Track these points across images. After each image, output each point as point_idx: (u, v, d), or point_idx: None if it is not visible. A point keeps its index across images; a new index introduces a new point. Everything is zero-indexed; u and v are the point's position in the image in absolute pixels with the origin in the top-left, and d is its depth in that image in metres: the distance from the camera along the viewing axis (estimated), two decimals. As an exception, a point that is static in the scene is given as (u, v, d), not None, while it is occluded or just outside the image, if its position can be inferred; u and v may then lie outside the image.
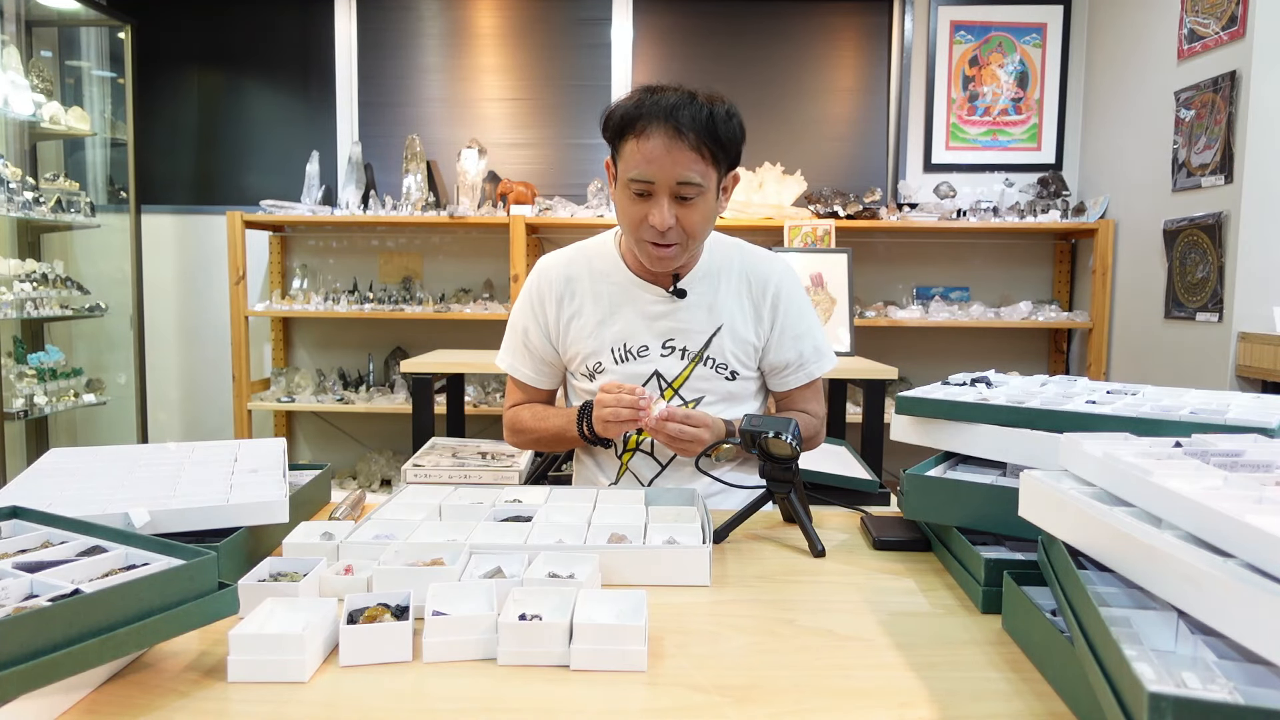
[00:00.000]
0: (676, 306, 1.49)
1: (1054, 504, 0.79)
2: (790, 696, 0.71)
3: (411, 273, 4.03)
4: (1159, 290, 3.20)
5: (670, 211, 1.33)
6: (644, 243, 1.38)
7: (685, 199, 1.33)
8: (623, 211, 1.38)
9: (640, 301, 1.50)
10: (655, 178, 1.31)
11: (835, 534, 1.18)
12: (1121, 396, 1.07)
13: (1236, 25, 2.76)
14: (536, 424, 1.55)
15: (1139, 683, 0.52)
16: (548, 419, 1.53)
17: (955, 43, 3.87)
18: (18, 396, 3.38)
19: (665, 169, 1.30)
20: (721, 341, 1.49)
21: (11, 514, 0.94)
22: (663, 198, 1.33)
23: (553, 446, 1.60)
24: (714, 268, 1.50)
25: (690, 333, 1.49)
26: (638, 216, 1.35)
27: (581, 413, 1.45)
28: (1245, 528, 0.57)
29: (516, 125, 3.99)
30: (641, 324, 1.49)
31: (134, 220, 3.85)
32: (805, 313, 1.55)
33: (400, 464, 3.30)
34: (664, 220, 1.32)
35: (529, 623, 0.77)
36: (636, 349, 1.50)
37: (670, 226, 1.33)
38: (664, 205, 1.32)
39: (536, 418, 1.56)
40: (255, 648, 0.73)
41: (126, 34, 3.79)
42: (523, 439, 1.60)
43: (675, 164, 1.30)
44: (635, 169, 1.32)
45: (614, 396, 1.32)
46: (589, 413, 1.41)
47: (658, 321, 1.49)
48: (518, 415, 1.60)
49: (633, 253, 1.49)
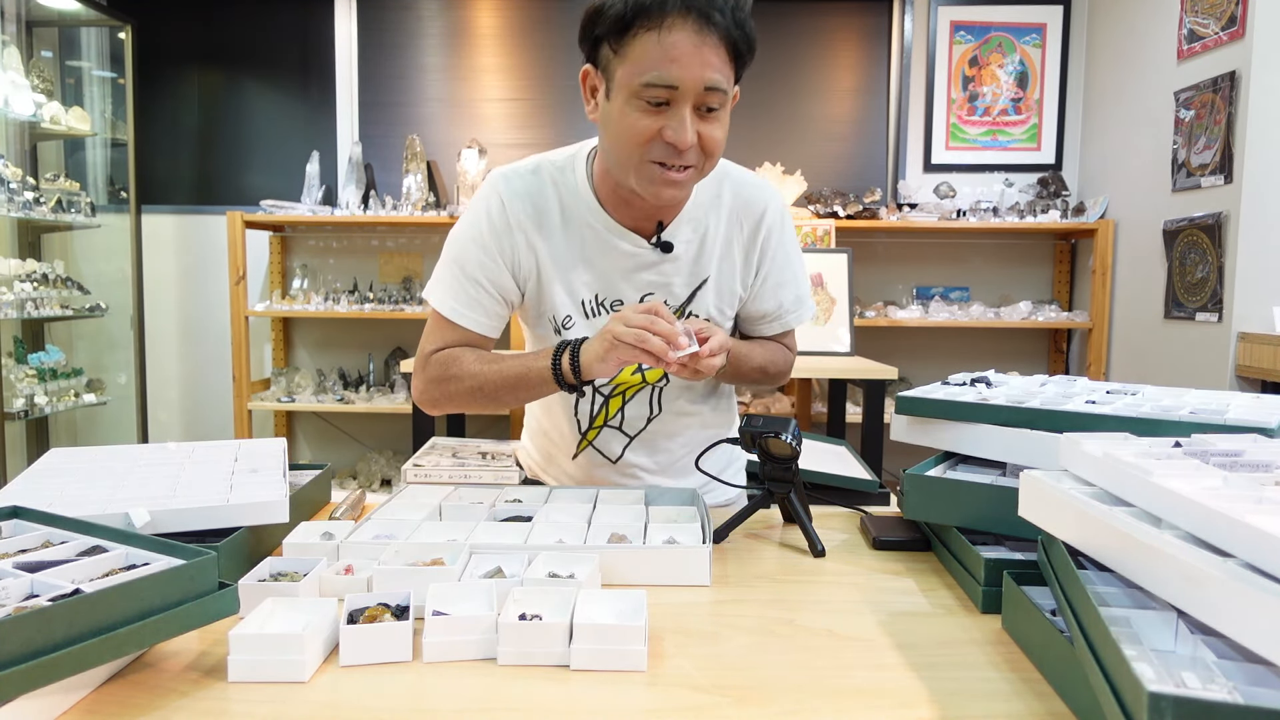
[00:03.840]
0: (660, 259, 1.28)
1: (1054, 504, 0.79)
2: (790, 696, 0.71)
3: (411, 273, 4.03)
4: (1159, 290, 3.20)
5: (693, 125, 1.09)
6: (650, 166, 1.13)
7: (710, 110, 1.10)
8: (624, 128, 1.11)
9: (616, 254, 1.27)
10: (680, 80, 1.06)
11: (835, 534, 1.18)
12: (1121, 396, 1.07)
13: (1236, 25, 2.76)
14: (482, 367, 1.24)
15: (1139, 683, 0.52)
16: (500, 361, 1.24)
17: (955, 43, 3.87)
18: (18, 396, 3.38)
19: (693, 70, 1.06)
20: (705, 296, 1.31)
21: (12, 514, 0.94)
22: (684, 107, 1.08)
23: (494, 400, 1.25)
24: (700, 207, 1.29)
25: (671, 286, 1.30)
26: (648, 131, 1.10)
27: (562, 347, 1.18)
28: (1245, 528, 0.57)
29: (516, 125, 3.99)
30: (618, 276, 1.28)
31: (134, 220, 3.85)
32: (792, 257, 1.37)
33: (400, 464, 3.30)
34: (688, 135, 1.09)
35: (529, 623, 0.77)
36: (610, 302, 1.29)
37: (692, 144, 1.10)
38: (686, 116, 1.08)
39: (483, 360, 1.25)
40: (255, 648, 0.73)
41: (127, 34, 3.79)
42: (452, 389, 1.26)
43: (704, 64, 1.06)
44: (653, 70, 1.06)
45: (646, 318, 1.08)
46: (575, 344, 1.17)
47: (636, 274, 1.29)
48: (453, 357, 1.26)
49: (613, 189, 1.24)
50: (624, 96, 1.10)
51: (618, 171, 1.19)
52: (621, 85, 1.10)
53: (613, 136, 1.15)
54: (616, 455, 1.40)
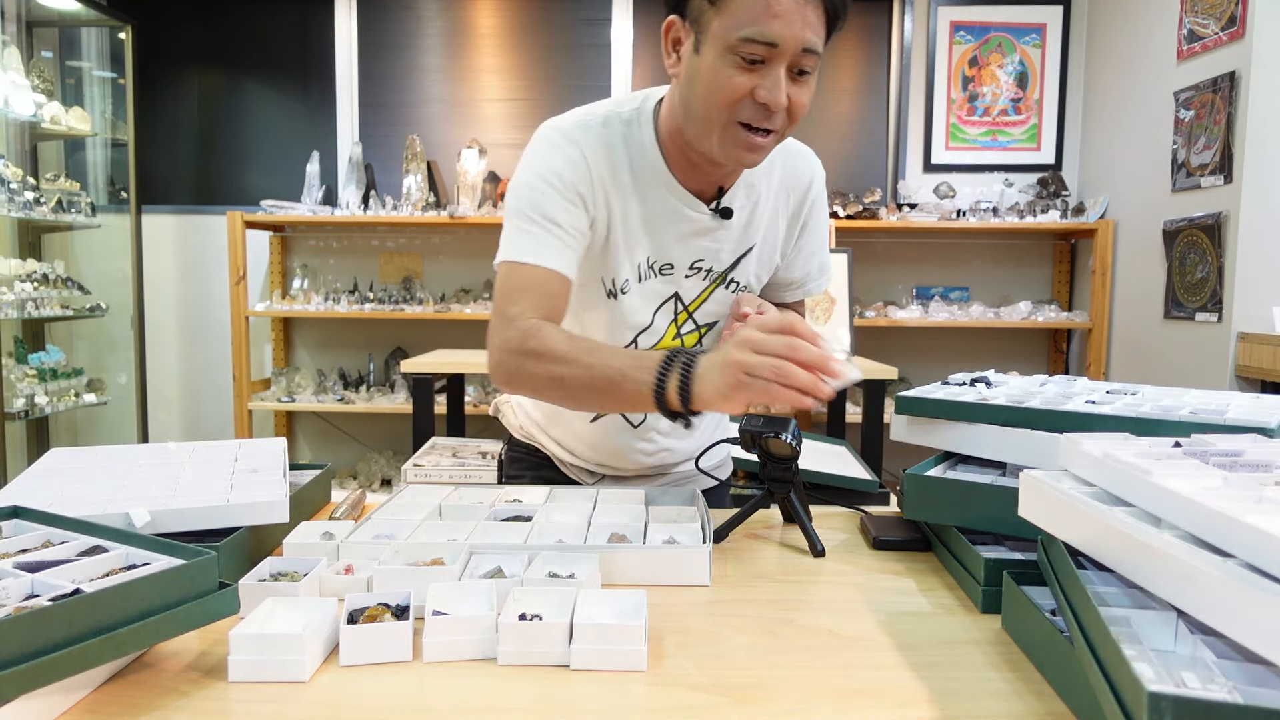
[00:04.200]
0: (717, 225, 1.22)
1: (1054, 504, 0.79)
2: (790, 696, 0.71)
3: (412, 273, 4.03)
4: (1158, 290, 3.20)
5: (785, 86, 1.03)
6: (735, 128, 1.06)
7: (803, 73, 1.05)
8: (716, 84, 1.04)
9: (677, 218, 1.20)
10: (781, 38, 1.00)
11: (835, 534, 1.18)
12: (1121, 396, 1.07)
13: (1236, 26, 2.76)
14: (569, 351, 1.04)
15: (1138, 682, 0.52)
16: (593, 353, 1.03)
17: (955, 43, 3.87)
18: (18, 396, 3.38)
19: (794, 28, 1.00)
20: (748, 263, 1.27)
21: (12, 514, 0.94)
22: (779, 67, 1.02)
23: (574, 399, 1.08)
24: (754, 173, 1.23)
25: (720, 252, 1.24)
26: (741, 89, 1.03)
27: (670, 362, 0.96)
28: (1245, 527, 0.57)
29: (516, 125, 3.99)
30: (673, 240, 1.21)
31: (134, 220, 3.85)
32: (823, 225, 1.33)
33: (400, 464, 3.30)
34: (781, 96, 1.03)
35: (529, 623, 0.77)
36: (660, 265, 1.22)
37: (784, 106, 1.04)
38: (781, 76, 1.02)
39: (573, 343, 1.05)
40: (256, 647, 0.73)
41: (127, 34, 3.79)
42: (530, 367, 1.06)
43: (805, 24, 1.01)
44: (755, 25, 0.99)
45: (784, 343, 0.88)
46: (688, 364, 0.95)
47: (693, 240, 1.22)
48: (537, 329, 1.06)
49: (680, 150, 1.16)
50: (717, 50, 1.02)
51: (696, 130, 1.10)
52: (716, 38, 1.02)
53: (700, 92, 1.06)
54: (640, 419, 1.32)
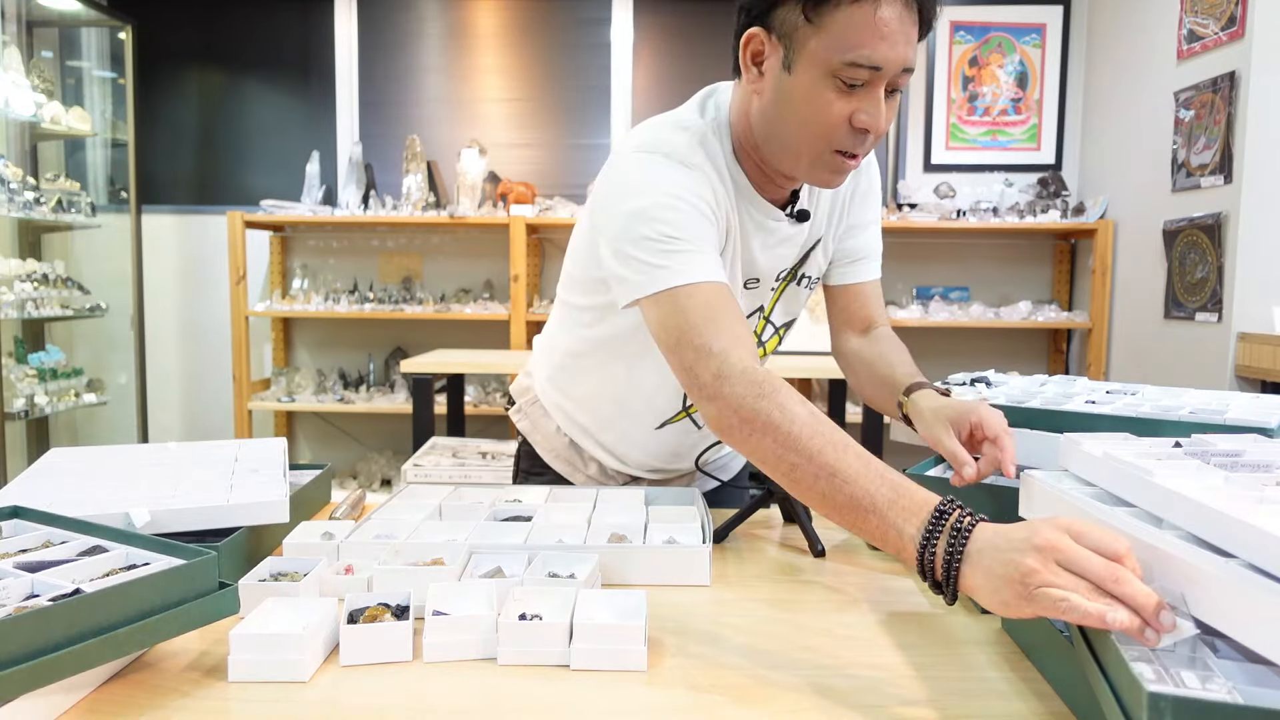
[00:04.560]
0: (795, 231, 1.18)
1: (1054, 504, 0.79)
2: (790, 696, 0.71)
3: (412, 273, 4.03)
4: (1158, 290, 3.20)
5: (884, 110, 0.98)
6: (833, 155, 1.01)
7: (895, 91, 1.00)
8: (815, 109, 0.98)
9: (764, 231, 1.15)
10: (886, 61, 0.94)
11: (835, 534, 1.18)
12: (1121, 396, 1.07)
13: (1236, 26, 2.76)
14: (814, 449, 0.84)
15: (1138, 683, 0.52)
16: (844, 454, 0.83)
17: (955, 43, 3.87)
18: (18, 396, 3.38)
19: (899, 50, 0.94)
20: (815, 256, 1.24)
21: (12, 514, 0.94)
22: (879, 89, 0.97)
23: (798, 486, 0.85)
24: None
25: (796, 254, 1.21)
26: (842, 115, 0.97)
27: (941, 520, 0.74)
28: (1246, 527, 0.57)
29: (516, 125, 3.99)
30: (758, 250, 1.16)
31: (134, 220, 3.85)
32: (875, 194, 1.29)
33: (400, 464, 3.30)
34: (882, 121, 0.98)
35: (529, 623, 0.77)
36: (748, 280, 1.18)
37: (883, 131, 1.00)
38: (880, 99, 0.97)
39: (824, 440, 0.84)
40: (256, 647, 0.73)
41: (127, 34, 3.79)
42: (771, 452, 0.87)
43: (908, 43, 0.96)
44: (862, 48, 0.93)
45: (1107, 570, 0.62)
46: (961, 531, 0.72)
47: (776, 249, 1.18)
48: (781, 400, 0.88)
49: (755, 164, 1.11)
50: (817, 73, 0.96)
51: (781, 151, 1.05)
52: (815, 59, 0.96)
53: (794, 116, 1.00)
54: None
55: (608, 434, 1.33)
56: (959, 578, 0.72)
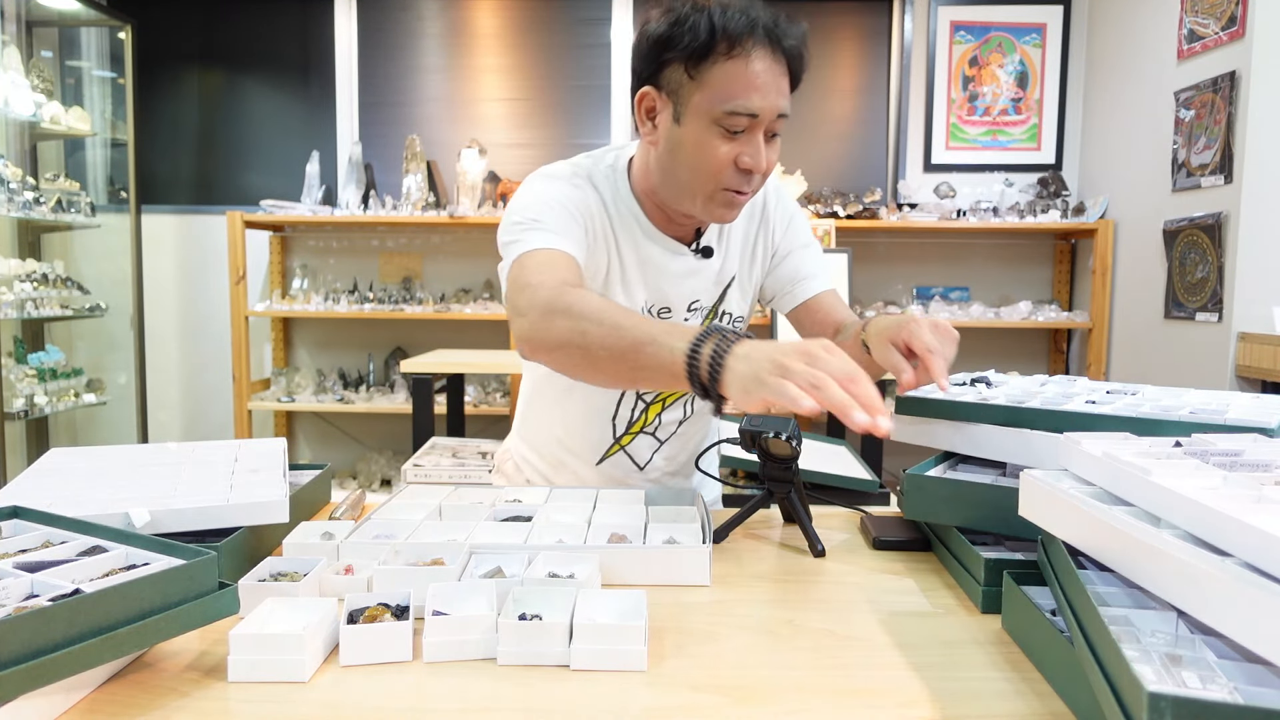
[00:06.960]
0: (701, 265, 1.28)
1: (1054, 504, 0.79)
2: (790, 696, 0.71)
3: (411, 273, 4.03)
4: (1159, 290, 3.20)
5: (764, 151, 1.11)
6: (723, 192, 1.13)
7: (773, 135, 1.13)
8: (702, 155, 1.10)
9: (662, 263, 1.25)
10: (761, 109, 1.07)
11: (835, 534, 1.18)
12: (1121, 396, 1.07)
13: (1236, 25, 2.76)
14: (610, 313, 0.99)
15: (1138, 683, 0.52)
16: (630, 315, 1.00)
17: (955, 43, 3.87)
18: (18, 396, 3.38)
19: (771, 98, 1.08)
20: (732, 294, 1.32)
21: (12, 514, 0.94)
22: (759, 134, 1.10)
23: (591, 362, 1.00)
24: None
25: (709, 289, 1.30)
26: (727, 158, 1.10)
27: (708, 333, 0.91)
28: (1245, 527, 0.57)
29: (516, 125, 3.99)
30: (666, 284, 1.26)
31: (134, 220, 3.85)
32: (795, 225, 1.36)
33: (400, 464, 3.30)
34: (763, 161, 1.11)
35: (529, 623, 0.77)
36: (659, 309, 1.27)
37: (766, 170, 1.13)
38: (761, 143, 1.10)
39: (612, 307, 1.01)
40: (256, 647, 0.73)
41: (127, 34, 3.79)
42: (566, 329, 1.00)
43: (779, 93, 1.09)
44: (738, 98, 1.06)
45: (844, 369, 0.83)
46: (727, 339, 0.90)
47: (683, 282, 1.27)
48: (577, 293, 1.03)
49: (655, 206, 1.23)
50: (703, 123, 1.09)
51: (677, 194, 1.17)
52: (700, 111, 1.09)
53: (686, 162, 1.13)
54: (645, 460, 1.38)
55: (561, 476, 1.42)
56: (724, 371, 0.87)
